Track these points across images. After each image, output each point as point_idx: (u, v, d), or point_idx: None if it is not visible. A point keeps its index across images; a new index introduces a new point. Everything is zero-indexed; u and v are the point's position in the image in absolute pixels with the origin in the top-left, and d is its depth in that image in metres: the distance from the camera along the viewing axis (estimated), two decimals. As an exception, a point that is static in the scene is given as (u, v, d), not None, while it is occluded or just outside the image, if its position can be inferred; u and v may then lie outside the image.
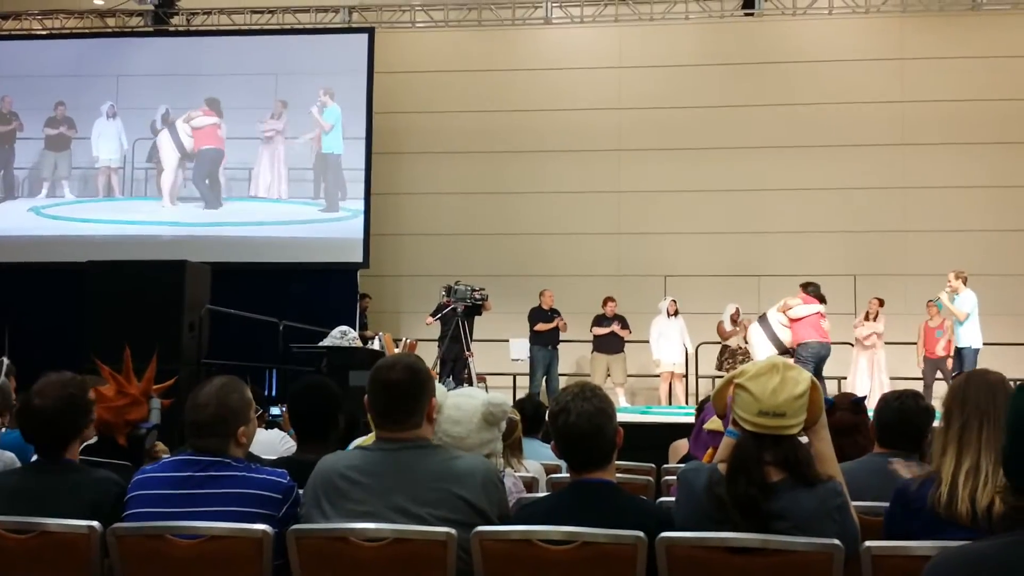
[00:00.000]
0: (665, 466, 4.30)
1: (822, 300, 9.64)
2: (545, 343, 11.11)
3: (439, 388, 3.22)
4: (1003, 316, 11.82)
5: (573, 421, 2.35)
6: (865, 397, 3.59)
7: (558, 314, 11.19)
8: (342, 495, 2.37)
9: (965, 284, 9.70)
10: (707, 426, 2.31)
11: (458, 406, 3.00)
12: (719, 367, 11.00)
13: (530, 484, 3.51)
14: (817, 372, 9.01)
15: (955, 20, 12.24)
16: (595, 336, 11.34)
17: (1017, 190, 12.36)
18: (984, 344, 11.20)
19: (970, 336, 9.59)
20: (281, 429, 5.35)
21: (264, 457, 3.25)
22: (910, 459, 2.92)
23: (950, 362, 10.03)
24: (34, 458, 2.74)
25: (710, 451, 2.49)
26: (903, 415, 3.04)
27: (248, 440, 2.62)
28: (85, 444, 2.92)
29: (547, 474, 3.90)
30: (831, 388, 10.98)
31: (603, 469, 2.38)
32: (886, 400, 3.14)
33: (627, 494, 2.39)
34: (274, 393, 9.19)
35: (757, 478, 2.15)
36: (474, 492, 2.35)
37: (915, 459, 2.93)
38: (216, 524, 2.40)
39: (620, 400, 11.04)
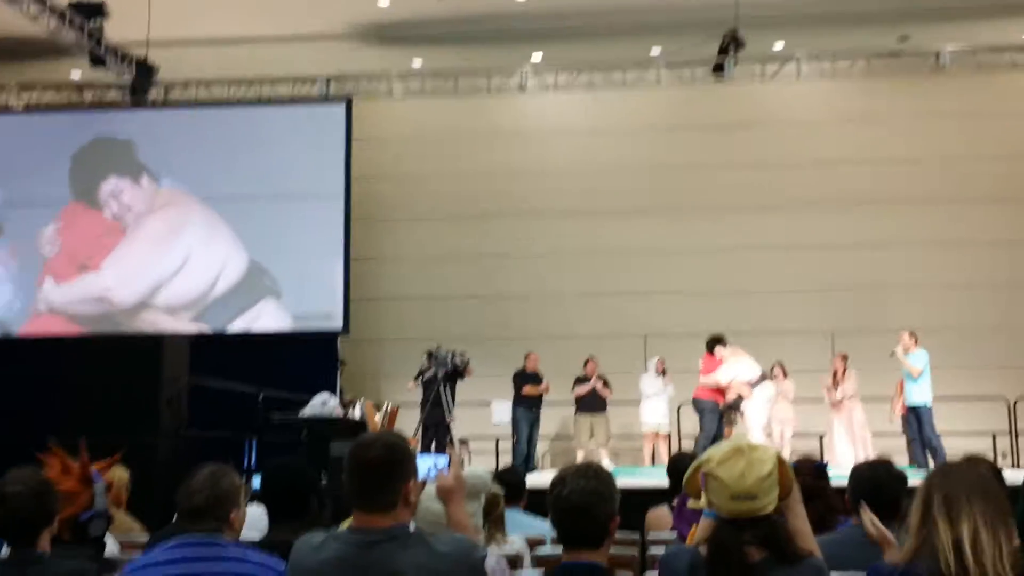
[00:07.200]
0: (649, 537, 4.28)
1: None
2: (530, 405, 11.08)
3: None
4: (981, 369, 11.95)
5: (565, 495, 2.34)
6: (826, 463, 3.57)
7: (541, 377, 11.18)
8: None
9: (916, 344, 9.84)
10: (691, 504, 2.32)
11: (438, 483, 2.99)
12: None
13: (514, 560, 3.48)
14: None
15: (920, 81, 12.56)
16: (577, 397, 11.32)
17: (987, 246, 12.58)
18: (959, 398, 11.29)
19: (923, 394, 9.70)
20: (261, 501, 5.28)
21: (247, 533, 3.21)
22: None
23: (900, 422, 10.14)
24: (4, 550, 2.71)
25: (694, 528, 2.49)
26: (876, 484, 3.03)
27: (240, 525, 2.67)
28: None
29: (531, 547, 3.88)
30: (812, 446, 11.00)
31: (594, 550, 2.35)
32: (859, 471, 3.14)
33: (615, 577, 2.38)
34: (254, 464, 9.09)
35: (737, 563, 2.15)
36: None
37: (893, 527, 2.88)
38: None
39: (604, 462, 10.97)
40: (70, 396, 7.63)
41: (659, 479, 7.87)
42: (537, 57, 12.98)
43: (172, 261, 12.17)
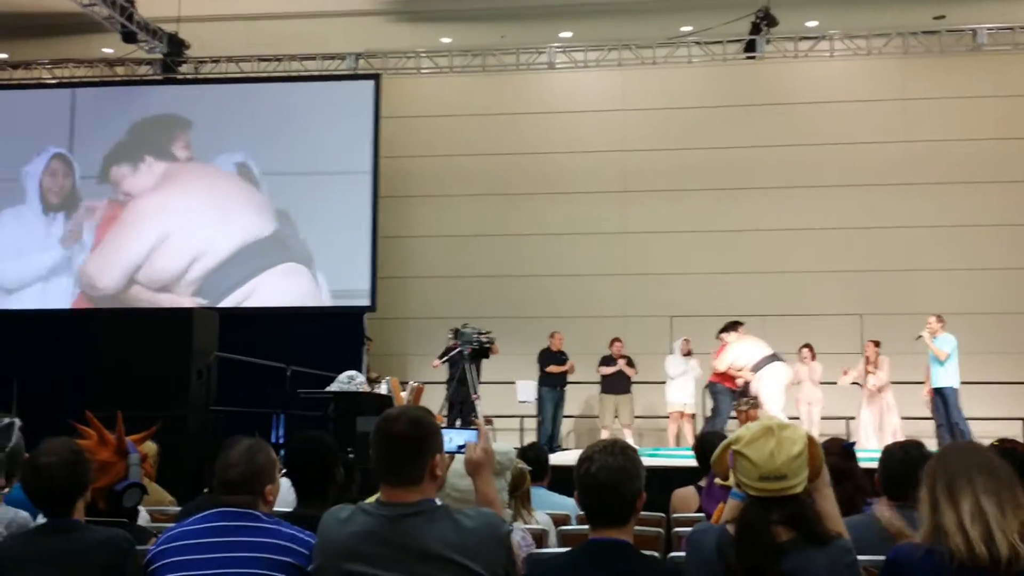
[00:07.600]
0: (674, 516, 4.28)
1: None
2: (554, 384, 11.14)
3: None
4: (1012, 354, 11.81)
5: (593, 472, 2.34)
6: (854, 443, 3.56)
7: (566, 356, 11.21)
8: (348, 568, 2.31)
9: (943, 327, 9.83)
10: (719, 481, 2.32)
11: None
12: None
13: (540, 537, 3.49)
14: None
15: (956, 61, 12.35)
16: (602, 376, 11.34)
17: (1022, 229, 12.39)
18: (991, 383, 11.15)
19: (949, 377, 9.66)
20: (287, 476, 5.35)
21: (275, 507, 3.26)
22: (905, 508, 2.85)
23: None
24: (40, 519, 2.77)
25: (720, 506, 2.48)
26: (909, 466, 2.99)
27: (274, 498, 2.70)
28: None
29: (556, 525, 3.89)
30: (839, 428, 10.94)
31: (620, 528, 2.35)
32: (890, 452, 3.11)
33: (641, 554, 2.36)
34: (282, 439, 9.17)
35: (765, 543, 2.15)
36: (485, 561, 2.29)
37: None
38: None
39: (628, 441, 10.96)
40: (102, 369, 7.72)
41: (684, 460, 7.87)
42: (567, 34, 12.90)
43: (152, 238, 12.31)
